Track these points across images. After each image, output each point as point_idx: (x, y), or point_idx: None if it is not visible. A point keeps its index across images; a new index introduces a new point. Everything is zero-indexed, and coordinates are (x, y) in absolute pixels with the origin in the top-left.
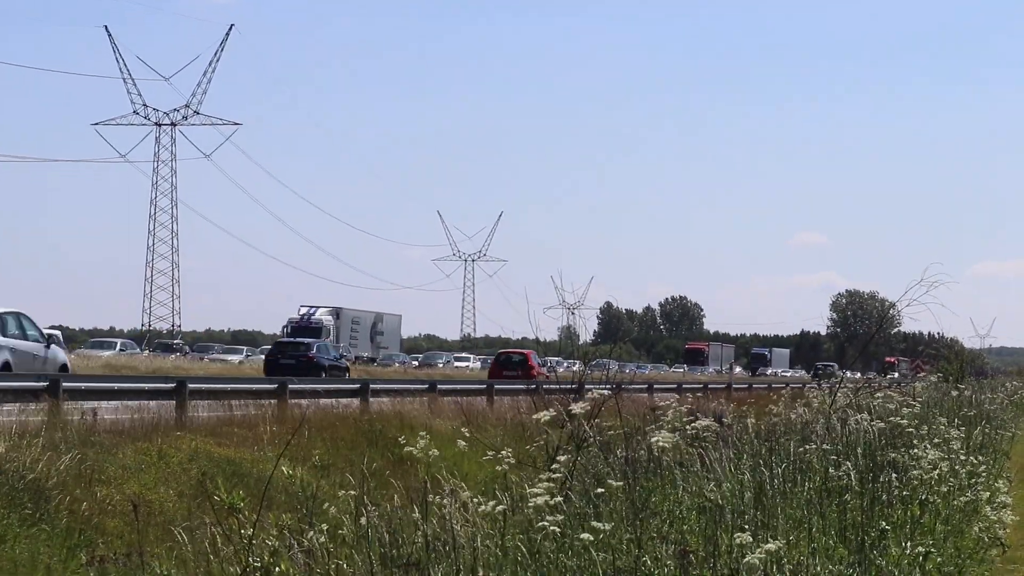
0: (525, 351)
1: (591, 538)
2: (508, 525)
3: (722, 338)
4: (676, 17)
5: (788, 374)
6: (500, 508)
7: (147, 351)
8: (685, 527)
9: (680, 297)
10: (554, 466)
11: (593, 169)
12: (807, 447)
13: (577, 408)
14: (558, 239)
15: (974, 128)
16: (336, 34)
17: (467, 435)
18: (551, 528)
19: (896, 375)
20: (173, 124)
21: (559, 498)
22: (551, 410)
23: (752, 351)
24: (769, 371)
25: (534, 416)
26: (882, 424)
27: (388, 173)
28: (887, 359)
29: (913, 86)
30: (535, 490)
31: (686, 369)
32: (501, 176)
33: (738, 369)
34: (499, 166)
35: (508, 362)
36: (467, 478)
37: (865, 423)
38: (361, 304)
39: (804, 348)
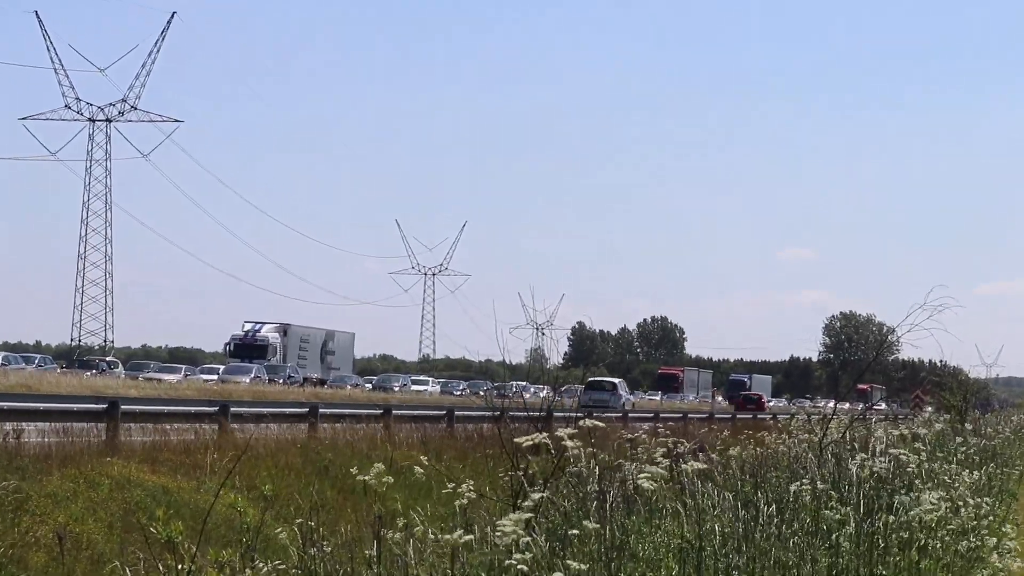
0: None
1: None
2: (471, 561)
3: (701, 363)
4: (657, 28)
5: (770, 403)
6: (465, 538)
7: (59, 367)
8: (663, 572)
9: (660, 318)
10: (526, 501)
11: (566, 179)
12: (798, 484)
13: (566, 435)
14: (526, 253)
15: (976, 139)
16: (289, 24)
17: (424, 464)
18: (519, 567)
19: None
20: (108, 120)
21: (528, 537)
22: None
23: (730, 377)
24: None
25: (517, 440)
26: (880, 461)
27: (343, 177)
28: (859, 387)
29: (911, 95)
30: (503, 522)
31: (663, 397)
32: (466, 183)
33: (720, 398)
34: (464, 173)
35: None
36: (425, 512)
37: (859, 459)
38: (311, 320)
39: (794, 375)
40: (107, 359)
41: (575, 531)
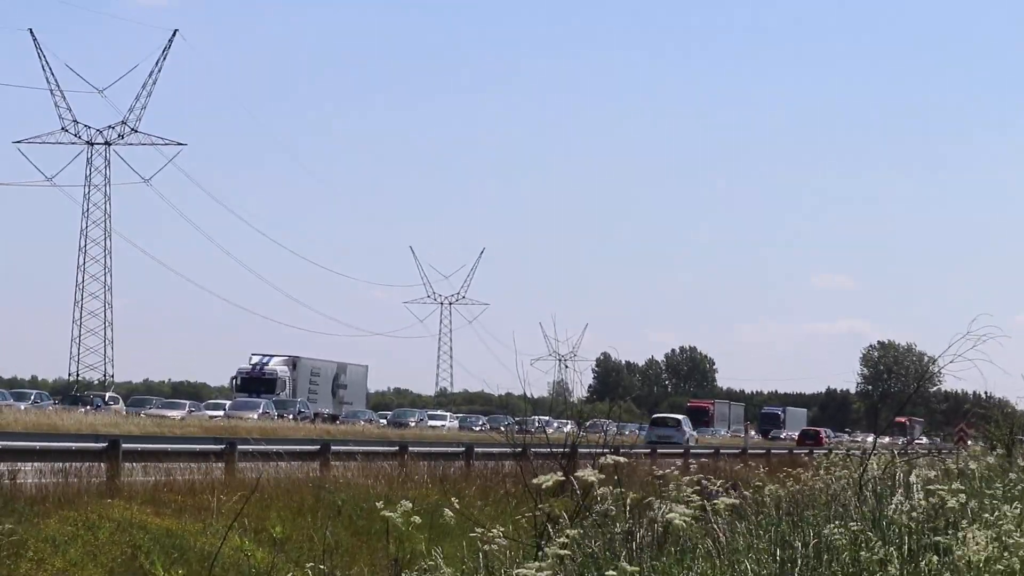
0: (679, 416)
1: None
2: None
3: (732, 396)
4: (677, 38)
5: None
6: None
7: (53, 403)
8: None
9: (689, 348)
10: (550, 544)
11: (588, 203)
12: (835, 525)
13: (589, 474)
14: (547, 281)
15: (1020, 160)
16: (298, 41)
17: (452, 505)
18: None
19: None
20: (107, 143)
21: None
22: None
23: (762, 411)
24: (783, 434)
25: (535, 480)
26: (920, 499)
27: (354, 202)
28: (897, 419)
29: (953, 115)
30: (523, 570)
31: (693, 432)
32: (483, 208)
33: (753, 433)
34: (481, 197)
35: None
36: (444, 556)
37: (899, 497)
38: (322, 353)
39: (831, 408)
40: (107, 394)
41: (611, 573)
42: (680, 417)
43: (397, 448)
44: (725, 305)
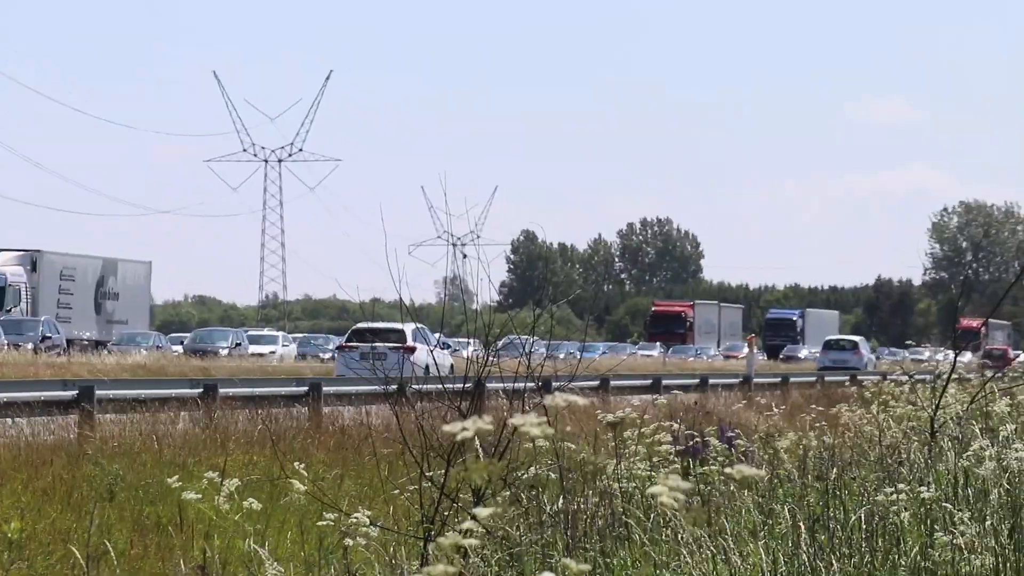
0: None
1: None
2: None
3: (724, 294)
4: None
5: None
6: None
7: None
8: None
9: (659, 221)
10: (458, 530)
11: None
12: (891, 490)
13: (521, 421)
14: (433, 126)
15: None
16: None
17: (297, 476)
18: None
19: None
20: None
21: None
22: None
23: (769, 315)
24: (802, 351)
25: (447, 428)
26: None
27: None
28: (964, 322)
29: None
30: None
31: (663, 351)
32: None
33: (757, 351)
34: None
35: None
36: (281, 555)
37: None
38: (79, 245)
39: (882, 310)
40: None
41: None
42: (857, 339)
43: (201, 390)
44: (716, 157)
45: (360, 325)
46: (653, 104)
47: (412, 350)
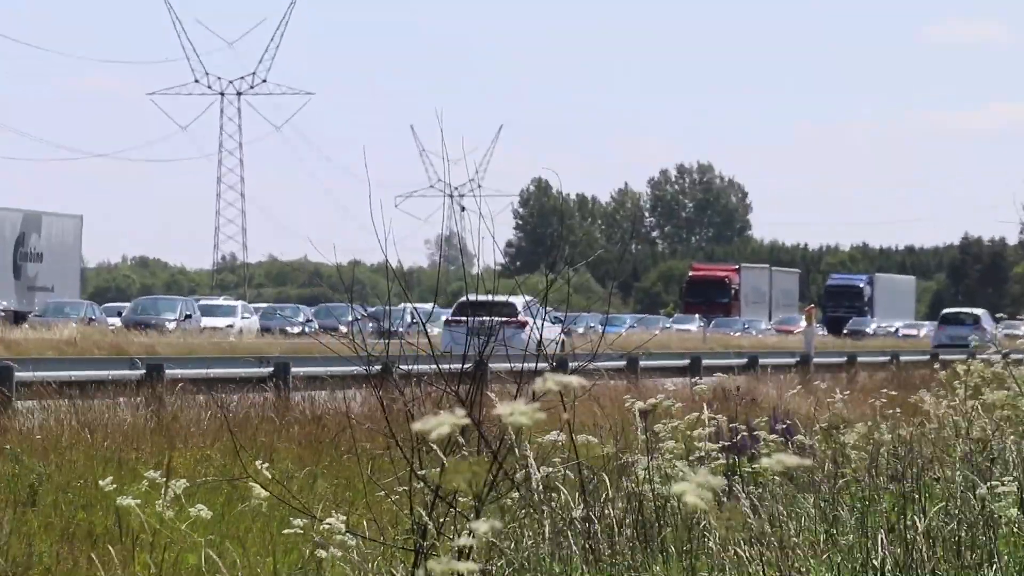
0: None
1: None
2: None
3: (776, 256)
4: None
5: (915, 331)
6: None
7: None
8: None
9: (699, 167)
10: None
11: None
12: (984, 490)
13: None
14: (424, 50)
15: None
16: None
17: (258, 475)
18: None
19: None
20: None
21: None
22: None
23: (830, 281)
24: (870, 325)
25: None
26: None
27: None
28: None
29: None
30: None
31: (702, 325)
32: None
33: (817, 325)
34: None
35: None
36: (237, 568)
37: None
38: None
39: (970, 276)
40: None
41: None
42: (979, 312)
43: (144, 372)
44: (767, 90)
45: (466, 298)
46: (691, 23)
47: (524, 325)
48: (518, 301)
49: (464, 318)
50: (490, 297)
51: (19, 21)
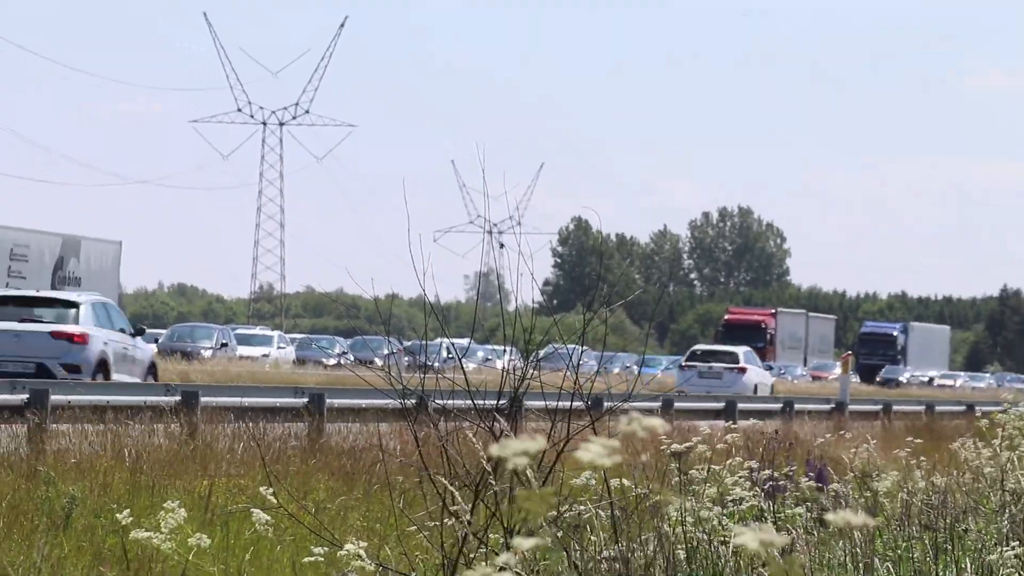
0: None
1: None
2: None
3: (813, 302)
4: None
5: (952, 381)
6: None
7: None
8: None
9: (740, 210)
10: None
11: None
12: (1007, 548)
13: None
14: (470, 88)
15: None
16: None
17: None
18: None
19: None
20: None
21: None
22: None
23: (864, 329)
24: (904, 374)
25: (494, 449)
26: None
27: None
28: None
29: None
30: None
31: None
32: None
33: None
34: None
35: None
36: None
37: None
38: (33, 220)
39: (1009, 326)
40: None
41: None
42: (739, 351)
43: (179, 399)
44: (808, 133)
45: (698, 347)
46: (733, 65)
47: (744, 371)
48: (740, 351)
49: (696, 364)
50: (718, 347)
51: (65, 47)
